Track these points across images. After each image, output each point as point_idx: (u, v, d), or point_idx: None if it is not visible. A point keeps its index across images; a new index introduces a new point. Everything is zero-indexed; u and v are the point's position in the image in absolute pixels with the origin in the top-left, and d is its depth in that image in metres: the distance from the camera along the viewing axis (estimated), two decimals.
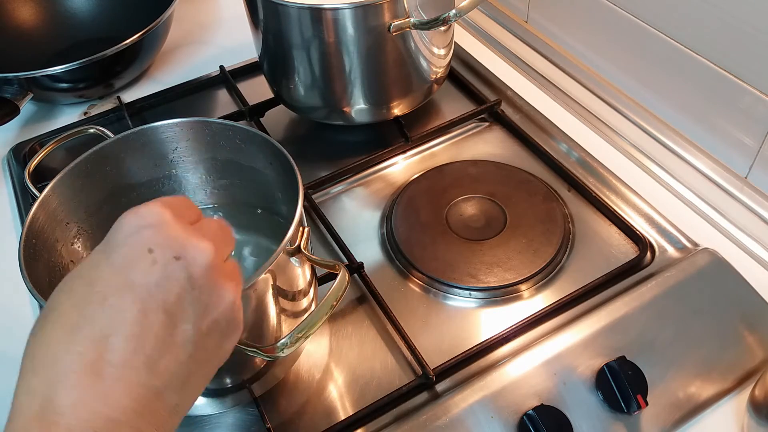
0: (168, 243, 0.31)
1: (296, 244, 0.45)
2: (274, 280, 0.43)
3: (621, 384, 0.49)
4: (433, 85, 0.74)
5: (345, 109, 0.71)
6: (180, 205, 0.33)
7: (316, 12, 0.62)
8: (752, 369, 0.53)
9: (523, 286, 0.59)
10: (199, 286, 0.31)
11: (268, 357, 0.41)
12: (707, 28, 0.62)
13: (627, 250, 0.62)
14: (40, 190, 0.47)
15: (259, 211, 0.57)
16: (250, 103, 0.78)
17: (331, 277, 0.58)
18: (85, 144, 0.52)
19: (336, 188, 0.71)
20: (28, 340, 0.30)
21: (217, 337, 0.32)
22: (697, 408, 0.51)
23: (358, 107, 0.71)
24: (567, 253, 0.62)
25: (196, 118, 0.52)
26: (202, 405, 0.50)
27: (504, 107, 0.77)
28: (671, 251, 0.61)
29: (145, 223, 0.31)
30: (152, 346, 0.29)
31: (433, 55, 0.70)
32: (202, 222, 0.34)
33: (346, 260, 0.61)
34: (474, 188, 0.67)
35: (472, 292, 0.59)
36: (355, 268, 0.60)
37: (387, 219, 0.66)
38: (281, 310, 0.46)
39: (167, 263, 0.30)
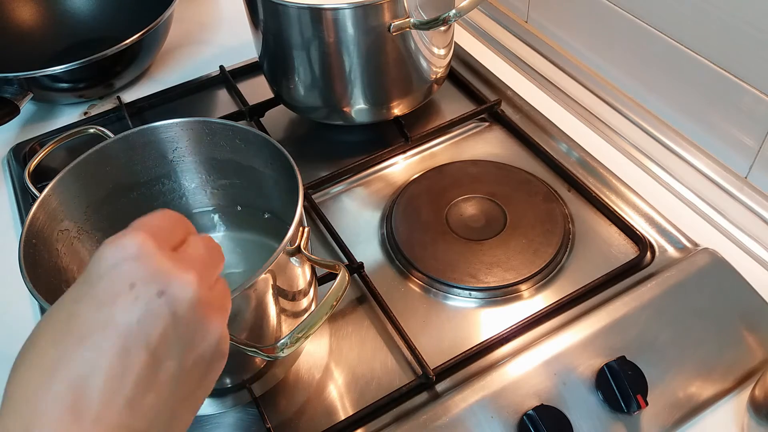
0: (151, 277, 0.29)
1: (296, 244, 0.45)
2: (274, 280, 0.43)
3: (621, 384, 0.49)
4: (433, 85, 0.74)
5: (345, 109, 0.71)
6: (163, 228, 0.31)
7: (316, 12, 0.62)
8: (752, 369, 0.53)
9: (523, 286, 0.59)
10: (184, 323, 0.29)
11: (268, 357, 0.41)
12: (707, 28, 0.62)
13: (627, 250, 0.62)
14: (40, 190, 0.47)
15: (258, 211, 0.57)
16: (250, 103, 0.78)
17: (331, 277, 0.58)
18: (85, 144, 0.52)
19: (336, 188, 0.71)
20: (9, 375, 0.29)
21: (203, 370, 0.31)
22: (697, 408, 0.51)
23: (358, 107, 0.71)
24: (567, 253, 0.62)
25: (196, 118, 0.52)
26: (203, 405, 0.50)
27: (504, 107, 0.77)
28: (671, 251, 0.61)
29: (126, 255, 0.29)
30: (134, 385, 0.28)
31: (433, 55, 0.70)
32: (188, 243, 0.32)
33: (346, 260, 0.61)
34: (474, 188, 0.67)
35: (472, 292, 0.59)
36: (355, 268, 0.60)
37: (387, 219, 0.66)
38: (281, 310, 0.46)
39: (150, 300, 0.29)
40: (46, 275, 0.44)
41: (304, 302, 0.50)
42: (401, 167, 0.72)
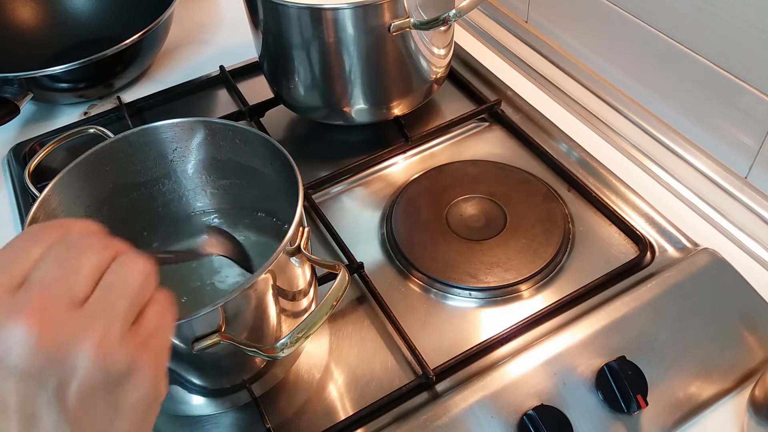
0: None
1: (296, 244, 0.45)
2: (274, 280, 0.43)
3: (621, 384, 0.49)
4: (433, 85, 0.74)
5: (345, 109, 0.71)
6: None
7: (316, 12, 0.62)
8: (752, 369, 0.53)
9: (523, 286, 0.59)
10: (34, 369, 0.26)
11: (268, 357, 0.41)
12: (707, 28, 0.62)
13: (627, 250, 0.62)
14: (40, 190, 0.47)
15: (258, 211, 0.57)
16: (250, 103, 0.78)
17: (331, 277, 0.58)
18: (85, 144, 0.52)
19: (336, 188, 0.71)
20: None
21: (102, 398, 0.27)
22: (697, 408, 0.51)
23: (358, 107, 0.71)
24: (567, 253, 0.62)
25: (196, 118, 0.52)
26: (202, 405, 0.50)
27: (504, 107, 0.77)
28: (671, 251, 0.61)
29: None
30: None
31: (433, 55, 0.70)
32: (25, 285, 0.27)
33: (346, 260, 0.61)
34: (474, 188, 0.67)
35: (472, 292, 0.59)
36: (355, 268, 0.60)
37: (387, 219, 0.66)
38: (281, 310, 0.46)
39: None
40: None
41: (304, 302, 0.50)
42: (401, 167, 0.72)
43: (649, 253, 0.61)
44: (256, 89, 0.81)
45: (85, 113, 0.83)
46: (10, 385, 0.26)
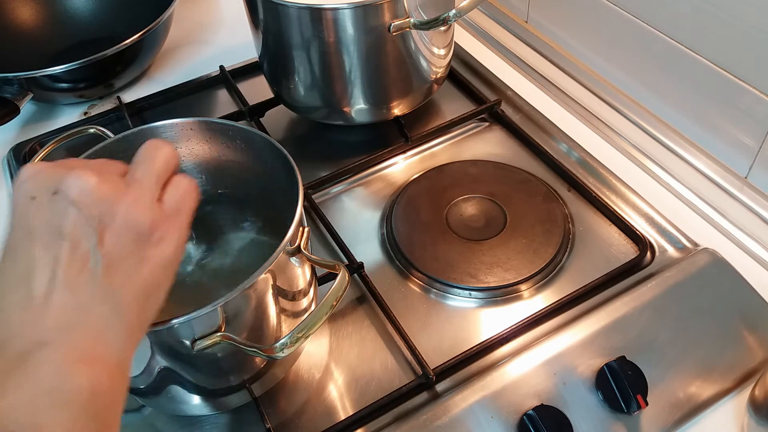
0: (44, 184, 0.34)
1: (296, 244, 0.45)
2: (274, 280, 0.43)
3: (621, 384, 0.49)
4: (433, 85, 0.74)
5: (345, 109, 0.71)
6: (60, 161, 0.36)
7: (316, 12, 0.62)
8: (752, 369, 0.53)
9: (523, 286, 0.59)
10: (86, 206, 0.33)
11: (268, 357, 0.41)
12: (707, 28, 0.62)
13: (627, 250, 0.62)
14: None
15: (259, 211, 0.57)
16: (250, 103, 0.78)
17: (331, 277, 0.58)
18: (85, 144, 0.52)
19: (336, 188, 0.71)
20: None
21: (129, 246, 0.34)
22: (697, 408, 0.51)
23: (358, 107, 0.71)
24: (567, 253, 0.62)
25: (196, 118, 0.51)
26: (202, 405, 0.50)
27: (504, 107, 0.77)
28: (671, 251, 0.61)
29: (23, 179, 0.35)
30: (63, 270, 0.32)
31: (433, 55, 0.70)
32: (85, 161, 0.37)
33: (346, 260, 0.61)
34: (474, 188, 0.67)
35: (472, 292, 0.59)
36: (355, 268, 0.60)
37: (387, 219, 0.66)
38: (281, 310, 0.46)
39: (49, 200, 0.33)
40: None
41: (304, 302, 0.50)
42: (401, 167, 0.72)
43: (649, 253, 0.61)
44: (256, 89, 0.81)
45: (85, 113, 0.83)
46: (70, 213, 0.33)
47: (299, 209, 0.44)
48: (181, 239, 0.37)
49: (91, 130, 0.64)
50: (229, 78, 0.83)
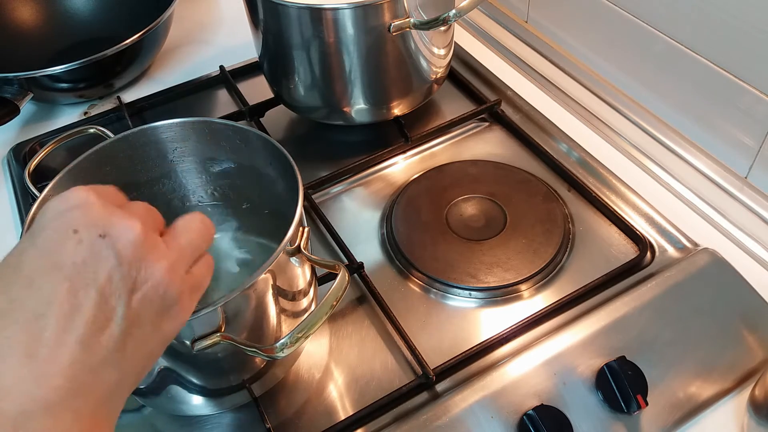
0: (93, 222, 0.31)
1: (296, 244, 0.45)
2: (274, 280, 0.43)
3: (621, 384, 0.49)
4: (433, 85, 0.74)
5: (345, 109, 0.71)
6: (105, 190, 0.34)
7: (316, 12, 0.62)
8: (752, 369, 0.53)
9: (523, 286, 0.59)
10: (128, 262, 0.31)
11: (268, 357, 0.41)
12: (707, 28, 0.62)
13: (627, 250, 0.62)
14: (40, 190, 0.47)
15: (258, 211, 0.57)
16: (250, 103, 0.78)
17: (331, 277, 0.58)
18: (85, 144, 0.52)
19: (336, 188, 0.71)
20: None
21: (152, 314, 0.32)
22: (697, 408, 0.51)
23: (358, 107, 0.71)
24: (567, 253, 0.62)
25: (196, 118, 0.51)
26: (202, 405, 0.50)
27: (504, 107, 0.77)
28: (671, 251, 0.61)
29: (69, 206, 0.31)
30: (84, 323, 0.29)
31: (433, 55, 0.70)
32: (129, 204, 0.34)
33: (346, 260, 0.61)
34: (474, 188, 0.67)
35: (472, 292, 0.59)
36: (355, 268, 0.60)
37: (387, 219, 0.66)
38: (281, 310, 0.46)
39: (93, 242, 0.30)
40: None
41: (304, 302, 0.50)
42: (401, 167, 0.72)
43: (649, 253, 0.61)
44: (256, 89, 0.81)
45: (85, 113, 0.83)
46: (110, 263, 0.30)
47: (299, 209, 0.44)
48: (189, 315, 0.35)
49: (91, 130, 0.64)
50: (229, 78, 0.83)
